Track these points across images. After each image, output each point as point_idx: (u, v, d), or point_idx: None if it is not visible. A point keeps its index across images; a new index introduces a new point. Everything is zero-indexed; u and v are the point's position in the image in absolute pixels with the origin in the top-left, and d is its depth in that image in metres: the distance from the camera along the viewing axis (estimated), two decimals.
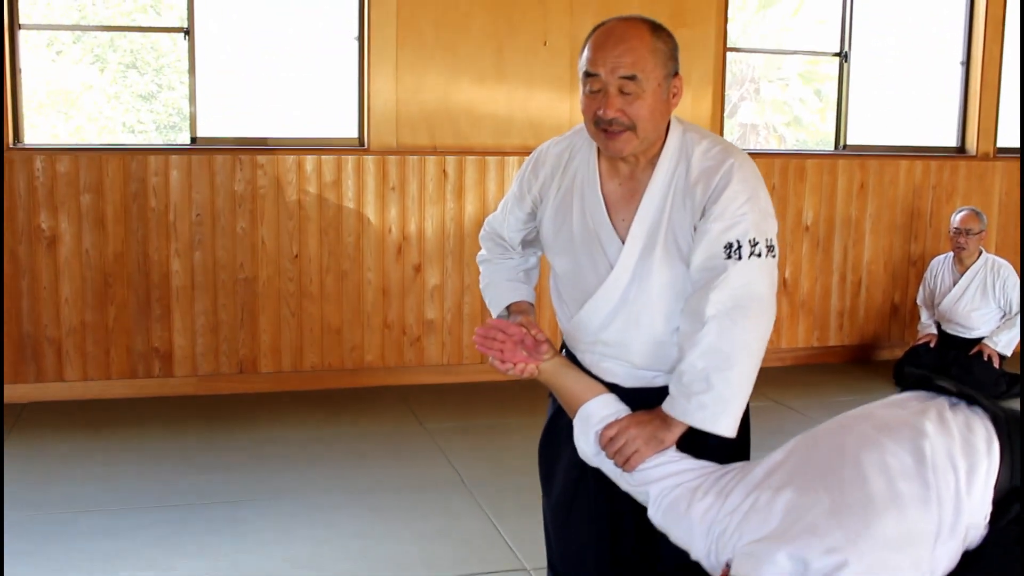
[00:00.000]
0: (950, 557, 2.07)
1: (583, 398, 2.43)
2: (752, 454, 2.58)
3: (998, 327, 6.39)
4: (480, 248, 2.89)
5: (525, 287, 2.76)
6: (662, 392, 2.46)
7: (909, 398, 2.38)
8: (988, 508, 2.15)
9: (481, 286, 2.82)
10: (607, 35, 2.34)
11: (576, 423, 2.43)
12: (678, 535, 2.22)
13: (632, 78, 2.30)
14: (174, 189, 5.93)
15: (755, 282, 2.32)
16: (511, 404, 5.86)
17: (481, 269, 2.83)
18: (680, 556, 2.52)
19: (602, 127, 2.35)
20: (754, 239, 2.33)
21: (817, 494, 2.06)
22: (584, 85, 2.37)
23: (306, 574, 3.86)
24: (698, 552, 2.18)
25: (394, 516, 4.41)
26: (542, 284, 3.25)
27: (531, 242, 2.76)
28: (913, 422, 2.22)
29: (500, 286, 2.75)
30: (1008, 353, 6.33)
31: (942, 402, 2.31)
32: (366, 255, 6.23)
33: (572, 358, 2.64)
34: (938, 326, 6.64)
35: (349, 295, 6.25)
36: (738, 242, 2.32)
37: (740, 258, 2.31)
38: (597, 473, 2.49)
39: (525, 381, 2.56)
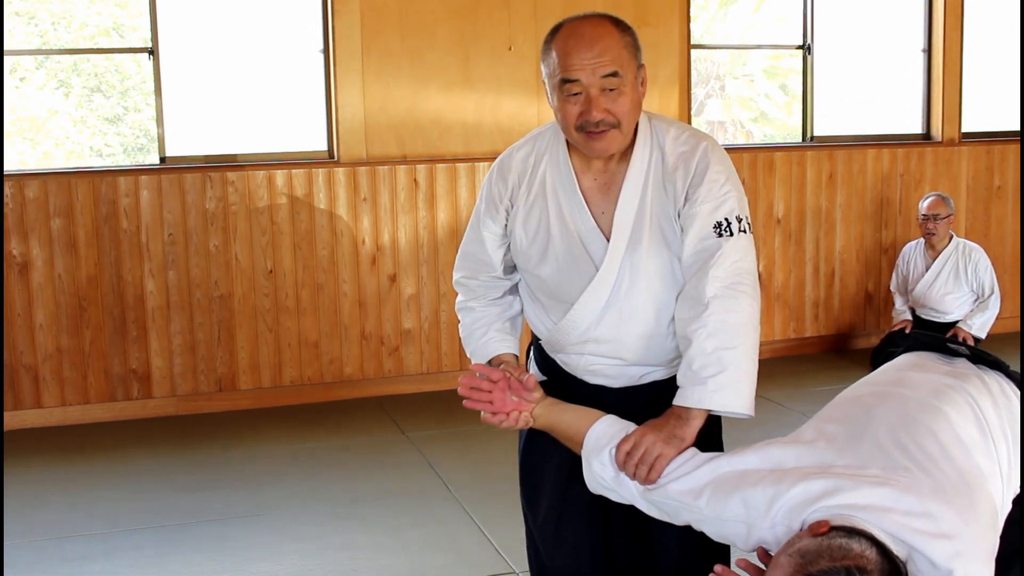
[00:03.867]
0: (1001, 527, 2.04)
1: (586, 427, 2.33)
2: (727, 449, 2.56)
3: (972, 310, 6.45)
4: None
5: (511, 338, 2.62)
6: (653, 388, 2.47)
7: (931, 359, 2.36)
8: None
9: (462, 335, 2.67)
10: (577, 38, 2.30)
11: (585, 452, 2.33)
12: (731, 515, 2.06)
13: (615, 75, 2.29)
14: (145, 210, 5.91)
15: (745, 258, 2.34)
16: None
17: (460, 318, 2.67)
18: (673, 557, 2.54)
19: (588, 130, 2.33)
20: (739, 216, 2.36)
21: (911, 472, 1.96)
22: (559, 91, 2.33)
23: None
24: (758, 526, 2.01)
25: (381, 526, 4.41)
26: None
27: (512, 265, 2.63)
28: (962, 388, 2.19)
29: (484, 336, 2.61)
30: (983, 335, 6.38)
31: (967, 364, 2.31)
32: (340, 267, 6.23)
33: (551, 366, 2.61)
34: (912, 312, 6.69)
35: (325, 308, 6.24)
36: (727, 220, 2.34)
37: (732, 234, 2.33)
38: (584, 481, 2.49)
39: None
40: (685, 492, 2.14)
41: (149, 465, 5.24)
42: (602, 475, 2.29)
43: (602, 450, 2.28)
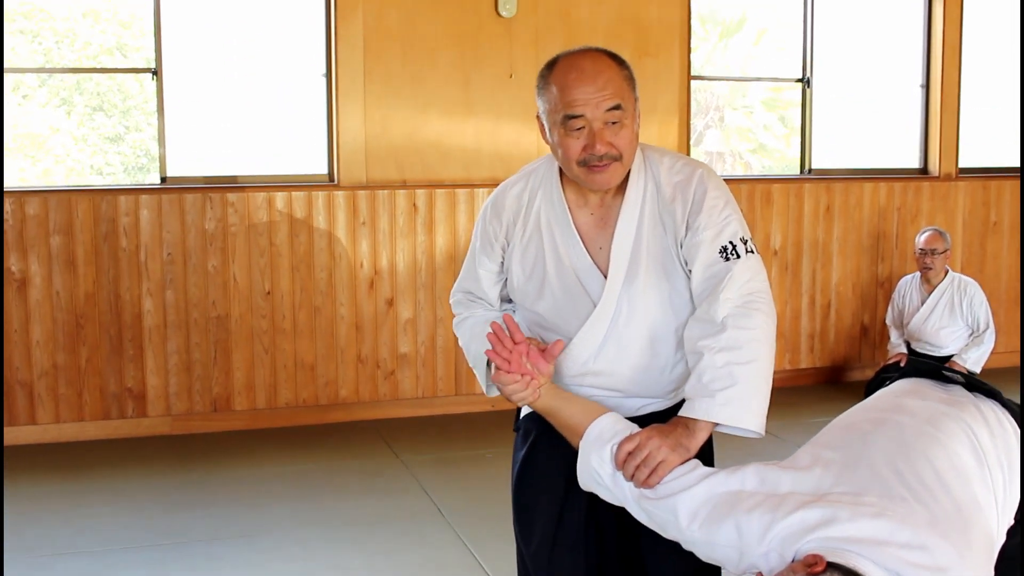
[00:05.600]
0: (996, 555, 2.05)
1: (588, 419, 2.31)
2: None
3: (967, 344, 6.47)
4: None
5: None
6: (651, 419, 2.45)
7: (927, 386, 2.36)
8: (1017, 505, 2.14)
9: (462, 343, 2.65)
10: (579, 72, 2.31)
11: (584, 446, 2.30)
12: (723, 541, 2.05)
13: (618, 107, 2.30)
14: (144, 229, 5.93)
15: (756, 278, 2.34)
16: (486, 435, 5.85)
17: (459, 333, 2.66)
18: (666, 573, 2.53)
19: (591, 164, 2.33)
20: (743, 238, 2.36)
21: (907, 503, 1.95)
22: (562, 127, 2.33)
23: None
24: (750, 554, 2.01)
25: (373, 549, 4.40)
26: None
27: (507, 298, 2.65)
28: (959, 417, 2.18)
29: (481, 335, 2.52)
30: (977, 370, 6.40)
31: (963, 392, 2.31)
32: (338, 290, 6.24)
33: None
34: (908, 345, 6.70)
35: (322, 330, 6.25)
36: (731, 243, 2.34)
37: (739, 257, 2.33)
38: (578, 504, 2.47)
39: (499, 413, 2.50)
40: (680, 512, 2.12)
41: (143, 484, 5.24)
42: (599, 471, 2.26)
43: (603, 446, 2.26)
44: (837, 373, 7.36)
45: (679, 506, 2.12)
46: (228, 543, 4.48)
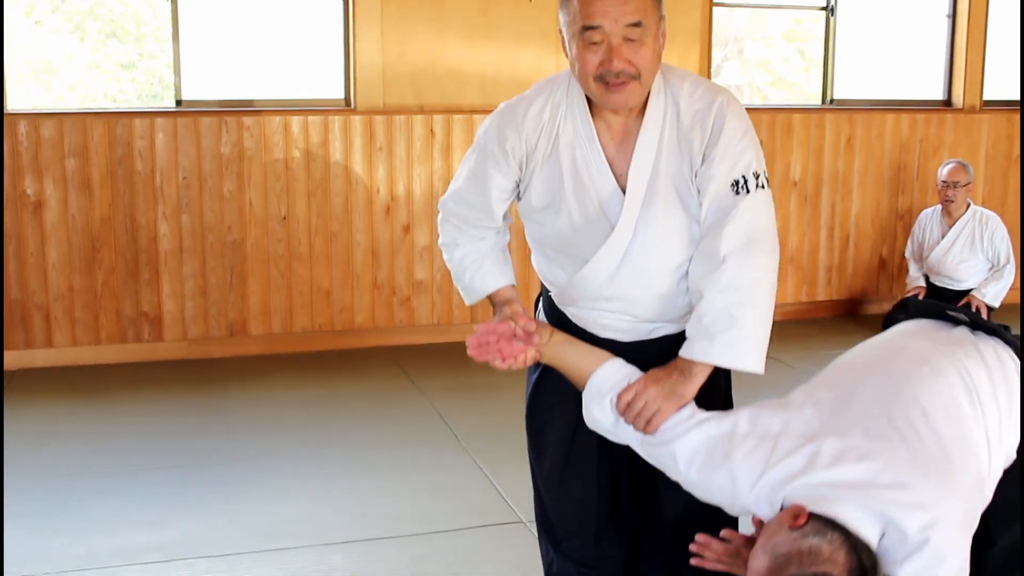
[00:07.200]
0: (992, 491, 2.08)
1: (590, 369, 2.35)
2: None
3: (986, 279, 6.41)
4: None
5: (507, 269, 2.56)
6: (661, 342, 2.44)
7: (930, 327, 2.36)
8: (1017, 439, 2.15)
9: (452, 271, 2.59)
10: None
11: (586, 396, 2.35)
12: (717, 486, 2.14)
13: (637, 24, 2.22)
14: (160, 152, 5.89)
15: (762, 215, 2.31)
16: None
17: (448, 257, 2.58)
18: (677, 508, 2.53)
19: (607, 80, 2.26)
20: (756, 172, 2.31)
21: (891, 443, 2.01)
22: (579, 39, 2.25)
23: (303, 530, 3.87)
24: (742, 500, 2.11)
25: (389, 473, 4.42)
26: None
27: (507, 214, 2.57)
28: (953, 355, 2.20)
29: (480, 270, 2.54)
30: (996, 304, 6.35)
31: (965, 331, 2.31)
32: (354, 216, 6.21)
33: (560, 318, 2.57)
34: (926, 279, 6.66)
35: (338, 256, 6.22)
36: (743, 177, 2.30)
37: (748, 191, 2.29)
38: (590, 434, 2.46)
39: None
40: (678, 457, 2.20)
41: (160, 407, 5.26)
42: (602, 420, 2.33)
43: (603, 397, 2.31)
44: (854, 306, 7.33)
45: (677, 451, 2.21)
46: (245, 465, 4.50)
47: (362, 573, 3.55)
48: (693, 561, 2.20)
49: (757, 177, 2.32)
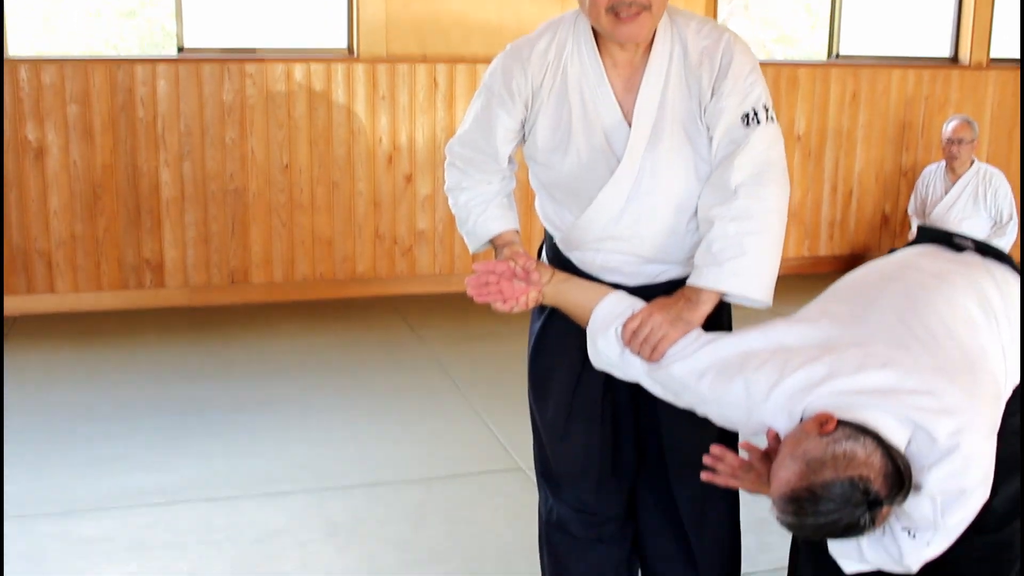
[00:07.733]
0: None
1: (594, 303, 2.32)
2: None
3: (988, 236, 6.40)
4: None
5: (511, 214, 2.54)
6: (670, 286, 2.43)
7: (938, 249, 2.36)
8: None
9: (457, 215, 2.56)
10: None
11: (590, 330, 2.32)
12: (732, 401, 2.07)
13: None
14: (162, 100, 5.86)
15: (772, 147, 2.30)
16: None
17: (453, 201, 2.56)
18: (680, 453, 2.53)
19: (618, 11, 2.24)
20: (765, 105, 2.31)
21: (913, 350, 1.97)
22: None
23: (304, 476, 3.90)
24: (758, 411, 2.04)
25: (389, 420, 4.44)
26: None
27: (513, 156, 2.54)
28: (966, 273, 2.19)
29: (484, 214, 2.51)
30: None
31: (973, 255, 2.31)
32: (357, 165, 6.19)
33: (564, 264, 2.54)
34: None
35: (340, 206, 6.22)
36: (753, 110, 2.29)
37: (759, 123, 2.29)
38: (594, 381, 2.47)
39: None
40: (688, 373, 2.15)
41: (161, 354, 5.27)
42: (608, 353, 2.28)
43: (608, 328, 2.27)
44: (856, 262, 7.24)
45: (687, 369, 2.15)
46: (247, 412, 4.52)
47: (361, 517, 3.58)
48: (704, 476, 2.16)
49: (767, 110, 2.31)
